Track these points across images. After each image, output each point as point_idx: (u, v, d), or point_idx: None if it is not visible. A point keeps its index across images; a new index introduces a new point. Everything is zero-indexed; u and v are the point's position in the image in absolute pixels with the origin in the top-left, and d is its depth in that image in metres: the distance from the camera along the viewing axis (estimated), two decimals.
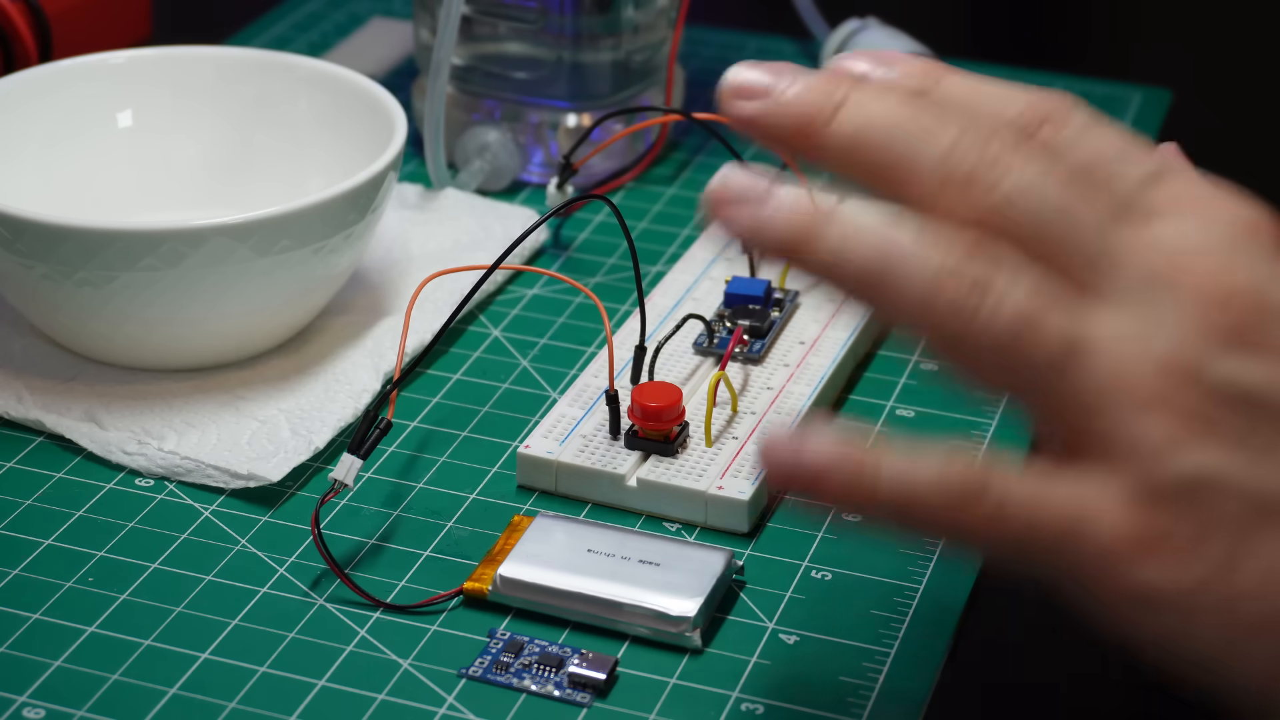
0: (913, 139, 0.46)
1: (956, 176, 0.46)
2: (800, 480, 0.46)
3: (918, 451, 0.45)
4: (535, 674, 0.55)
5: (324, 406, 0.66)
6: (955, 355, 0.45)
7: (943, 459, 0.45)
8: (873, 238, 0.46)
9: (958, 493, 0.45)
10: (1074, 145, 0.48)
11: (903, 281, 0.45)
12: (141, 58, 0.76)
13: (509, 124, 0.82)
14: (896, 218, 0.46)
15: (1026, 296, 0.45)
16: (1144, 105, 0.92)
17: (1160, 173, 0.48)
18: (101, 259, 0.63)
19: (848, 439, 0.46)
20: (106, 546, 0.61)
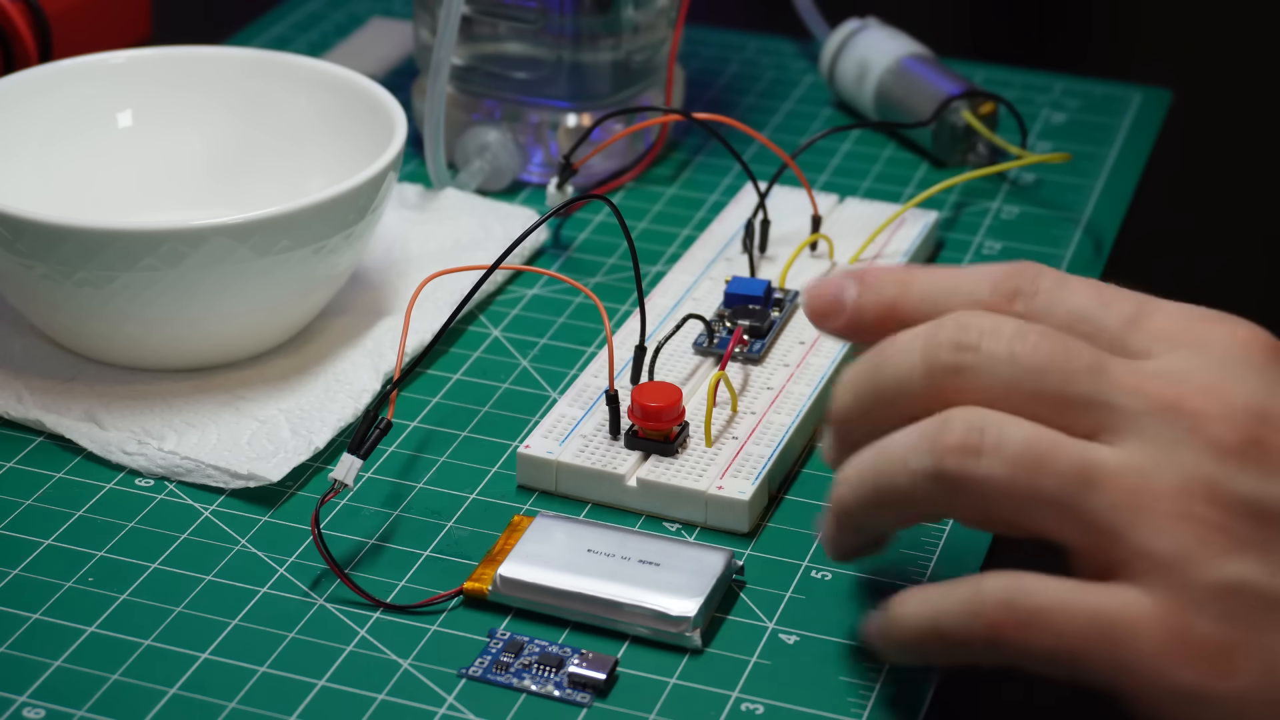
0: (888, 367, 0.50)
1: (944, 378, 0.49)
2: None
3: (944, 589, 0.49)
4: (535, 674, 0.55)
5: (324, 406, 0.66)
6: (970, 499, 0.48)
7: (971, 586, 0.48)
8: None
9: (985, 611, 0.48)
10: (1050, 309, 0.50)
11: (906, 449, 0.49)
12: (141, 58, 0.76)
13: (509, 124, 0.82)
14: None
15: (1030, 433, 0.48)
16: (1144, 105, 0.92)
17: (1140, 313, 0.50)
18: (101, 259, 0.63)
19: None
20: (106, 546, 0.61)
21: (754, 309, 0.70)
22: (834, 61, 0.91)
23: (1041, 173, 0.86)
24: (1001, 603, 0.48)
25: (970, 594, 0.48)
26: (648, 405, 0.63)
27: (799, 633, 0.57)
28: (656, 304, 0.72)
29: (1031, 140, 0.89)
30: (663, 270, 0.77)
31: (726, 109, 0.91)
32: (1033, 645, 0.47)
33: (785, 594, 0.59)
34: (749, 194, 0.80)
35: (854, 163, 0.87)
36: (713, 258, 0.75)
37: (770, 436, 0.64)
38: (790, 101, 0.93)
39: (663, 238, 0.80)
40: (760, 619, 0.58)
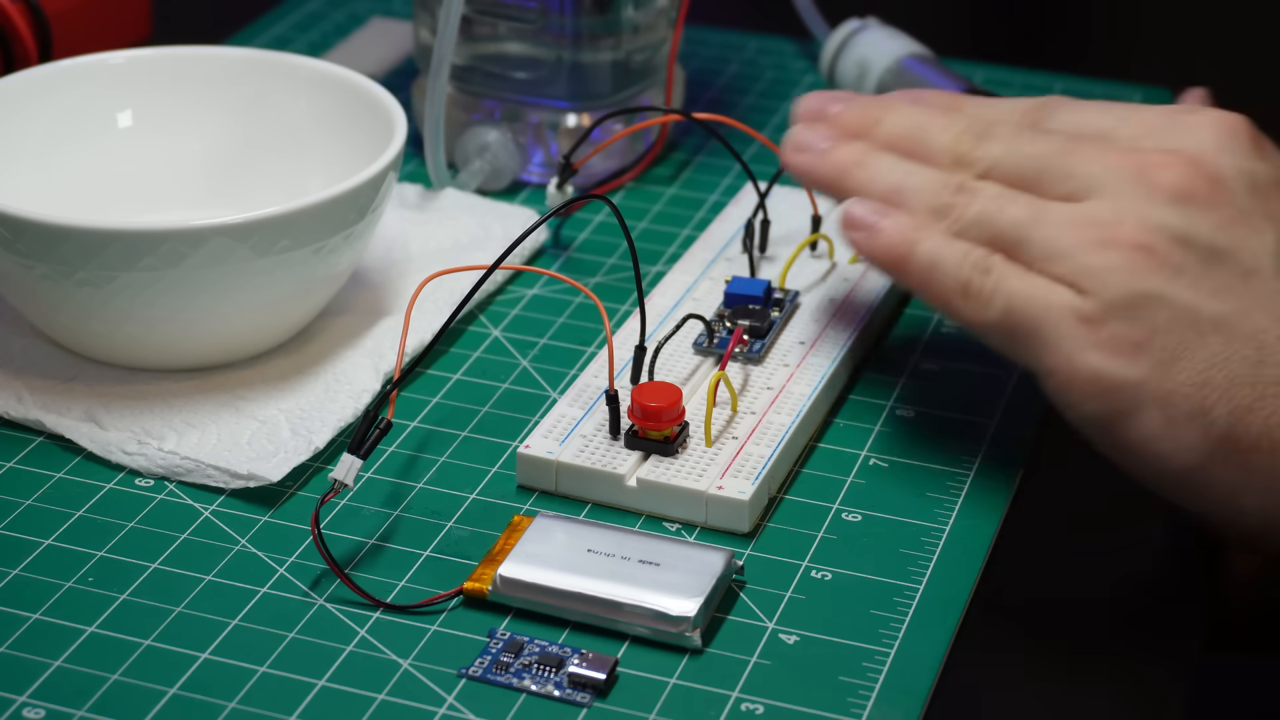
0: (931, 130, 0.63)
1: (961, 152, 0.62)
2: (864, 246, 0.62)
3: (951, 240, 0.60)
4: (535, 674, 0.55)
5: (324, 406, 0.66)
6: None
7: (966, 249, 0.60)
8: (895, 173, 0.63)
9: (972, 265, 0.60)
10: (1066, 121, 0.63)
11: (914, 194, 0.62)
12: (141, 58, 0.76)
13: (509, 124, 0.82)
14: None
15: (999, 191, 0.61)
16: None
17: (1127, 114, 0.62)
18: (102, 259, 0.63)
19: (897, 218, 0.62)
20: (106, 546, 0.61)
21: (754, 309, 0.70)
22: (834, 61, 0.91)
23: None
24: (980, 266, 0.59)
25: (964, 250, 0.60)
26: (648, 405, 0.63)
27: (799, 633, 0.57)
28: (656, 304, 0.72)
29: None
30: (663, 270, 0.77)
31: (726, 109, 0.91)
32: (988, 309, 0.59)
33: (785, 594, 0.59)
34: (749, 194, 0.80)
35: None
36: (713, 258, 0.75)
37: (770, 436, 0.64)
38: (790, 101, 0.93)
39: (663, 238, 0.80)
40: (760, 619, 0.58)
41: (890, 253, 0.61)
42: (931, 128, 0.63)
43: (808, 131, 0.65)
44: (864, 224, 0.62)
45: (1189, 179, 0.57)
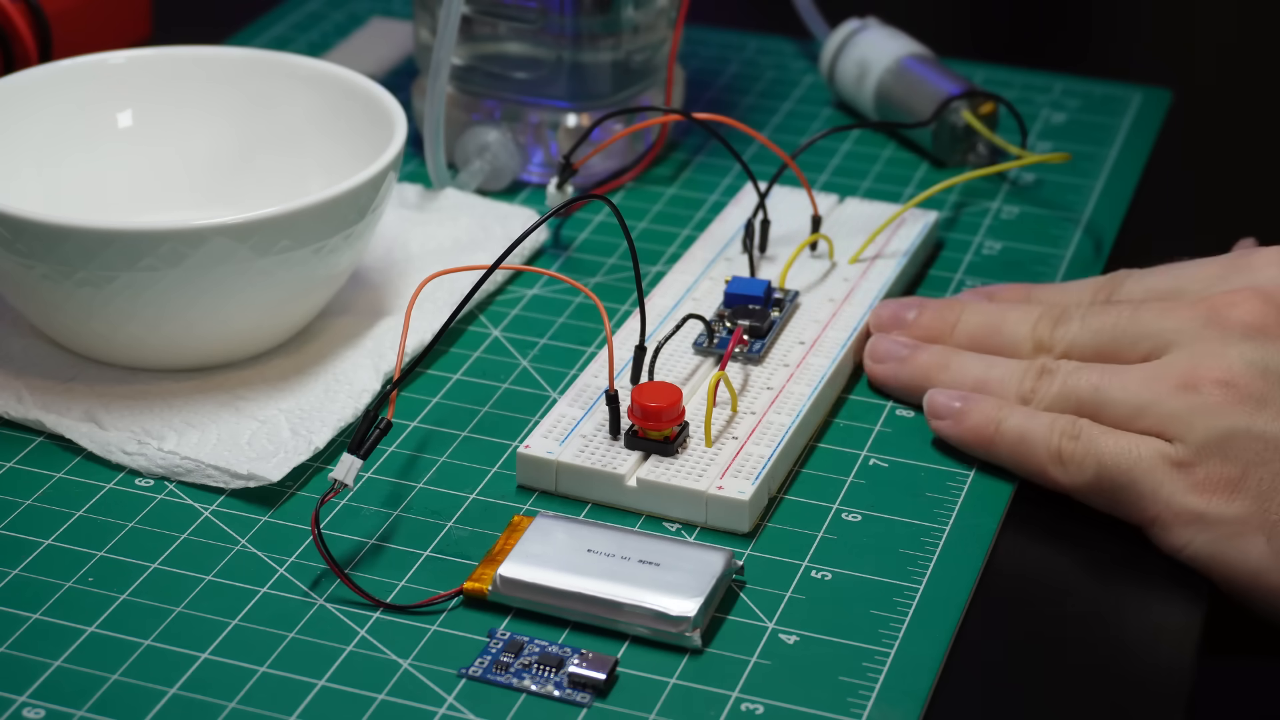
0: (1007, 323, 0.66)
1: (1040, 337, 0.65)
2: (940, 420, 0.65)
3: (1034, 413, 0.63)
4: (535, 674, 0.55)
5: (324, 406, 0.66)
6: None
7: (1052, 419, 0.62)
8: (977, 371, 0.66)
9: (1060, 432, 0.62)
10: (1133, 290, 0.66)
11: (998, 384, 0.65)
12: (141, 58, 0.76)
13: (509, 124, 0.82)
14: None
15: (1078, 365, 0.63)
16: (1144, 105, 0.92)
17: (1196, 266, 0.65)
18: (102, 259, 0.63)
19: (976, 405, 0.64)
20: (106, 546, 0.61)
21: (754, 309, 0.70)
22: (834, 61, 0.91)
23: (1041, 173, 0.86)
24: (1069, 433, 0.61)
25: (1050, 419, 0.62)
26: (648, 405, 0.63)
27: (799, 633, 0.57)
28: (656, 304, 0.72)
29: (1031, 140, 0.89)
30: (663, 270, 0.77)
31: (726, 109, 0.91)
32: (1083, 471, 0.61)
33: (785, 594, 0.59)
34: (749, 194, 0.80)
35: (854, 163, 0.87)
36: (713, 258, 0.75)
37: (770, 436, 0.64)
38: (790, 101, 0.93)
39: (663, 238, 0.80)
40: (760, 619, 0.58)
41: (978, 434, 0.63)
42: (1007, 320, 0.66)
43: (886, 340, 0.67)
44: (947, 411, 0.64)
45: (1259, 312, 0.59)
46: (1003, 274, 0.77)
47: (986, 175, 0.84)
